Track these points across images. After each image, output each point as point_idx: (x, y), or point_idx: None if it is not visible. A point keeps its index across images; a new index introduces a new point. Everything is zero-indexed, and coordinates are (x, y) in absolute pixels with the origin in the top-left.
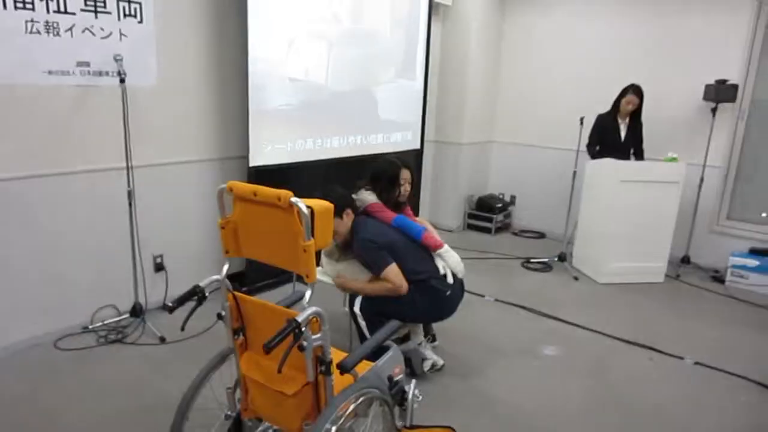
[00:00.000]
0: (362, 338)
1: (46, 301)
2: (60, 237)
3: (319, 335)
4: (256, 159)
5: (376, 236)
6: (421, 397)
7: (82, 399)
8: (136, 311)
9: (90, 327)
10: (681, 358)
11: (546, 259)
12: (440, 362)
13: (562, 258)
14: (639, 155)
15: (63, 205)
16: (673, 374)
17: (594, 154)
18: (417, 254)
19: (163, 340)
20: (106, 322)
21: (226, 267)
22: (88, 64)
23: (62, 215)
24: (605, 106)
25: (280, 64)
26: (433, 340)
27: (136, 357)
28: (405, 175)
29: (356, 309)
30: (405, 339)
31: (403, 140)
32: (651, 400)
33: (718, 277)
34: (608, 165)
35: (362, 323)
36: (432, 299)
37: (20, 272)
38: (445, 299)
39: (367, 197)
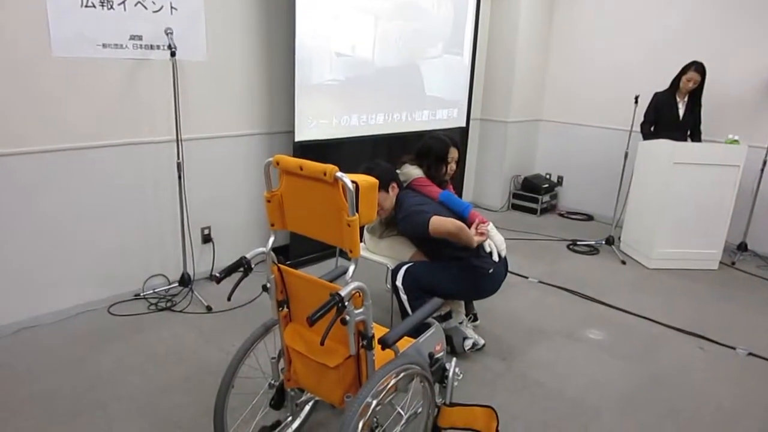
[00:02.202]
0: (403, 313)
1: (100, 268)
2: (113, 207)
3: (361, 310)
4: (302, 134)
5: (419, 206)
6: (461, 375)
7: (132, 364)
8: (185, 281)
9: (141, 294)
10: (733, 348)
11: (593, 242)
12: (481, 342)
13: (609, 241)
14: (696, 136)
15: (115, 177)
16: (725, 364)
17: (647, 134)
18: None
19: (209, 309)
20: (156, 290)
21: (271, 240)
22: (140, 38)
23: (115, 186)
24: (661, 85)
25: (327, 39)
26: (475, 319)
27: (183, 325)
28: (453, 153)
29: (398, 283)
30: (446, 317)
31: (449, 117)
32: (699, 389)
33: None
34: (663, 146)
35: (404, 297)
36: (474, 277)
37: (77, 241)
38: (488, 277)
39: (413, 171)
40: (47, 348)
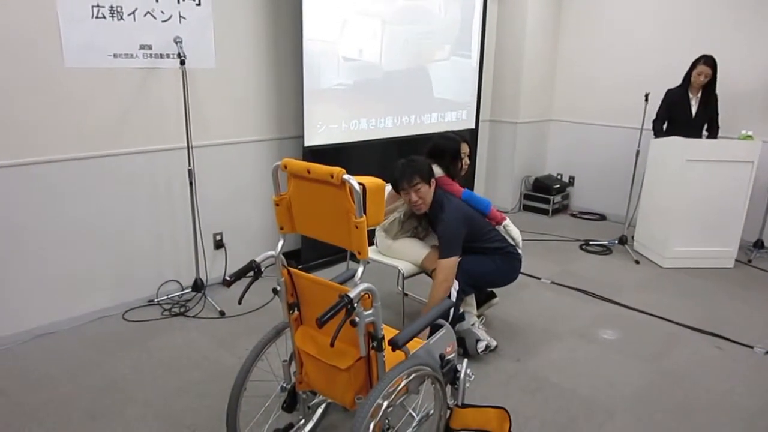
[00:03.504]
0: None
1: (115, 275)
2: (126, 215)
3: (370, 311)
4: (311, 139)
5: (464, 214)
6: (473, 377)
7: (146, 369)
8: (198, 286)
9: (155, 300)
10: (750, 347)
11: (606, 242)
12: (494, 343)
13: (622, 241)
14: (713, 131)
15: (128, 184)
16: (742, 363)
17: (659, 131)
18: (488, 225)
19: (222, 314)
20: (170, 296)
21: (281, 243)
22: (150, 47)
23: (127, 194)
24: (672, 82)
25: (334, 44)
26: (493, 296)
27: (197, 330)
28: (465, 149)
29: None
30: (459, 319)
31: (458, 119)
32: (716, 389)
33: None
34: (675, 143)
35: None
36: (511, 262)
37: (92, 248)
38: (519, 262)
39: (435, 170)
40: (63, 354)
